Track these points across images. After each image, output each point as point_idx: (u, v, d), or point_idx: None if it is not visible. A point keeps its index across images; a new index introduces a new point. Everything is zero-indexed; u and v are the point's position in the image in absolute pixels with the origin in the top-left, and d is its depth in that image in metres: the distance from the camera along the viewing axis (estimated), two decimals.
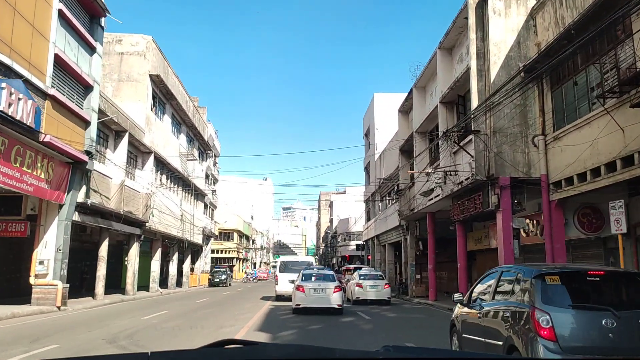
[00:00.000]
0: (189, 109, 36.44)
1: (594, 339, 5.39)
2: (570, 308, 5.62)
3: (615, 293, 6.14)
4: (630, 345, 5.37)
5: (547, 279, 5.82)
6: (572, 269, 6.41)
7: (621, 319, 5.36)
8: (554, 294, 5.73)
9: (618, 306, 5.56)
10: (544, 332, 5.43)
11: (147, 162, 27.44)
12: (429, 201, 21.79)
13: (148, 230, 27.48)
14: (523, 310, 5.81)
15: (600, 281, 6.00)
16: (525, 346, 5.65)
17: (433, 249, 23.41)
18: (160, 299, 23.68)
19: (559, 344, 5.35)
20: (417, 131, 23.80)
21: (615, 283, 6.23)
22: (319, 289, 17.02)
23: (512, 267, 7.08)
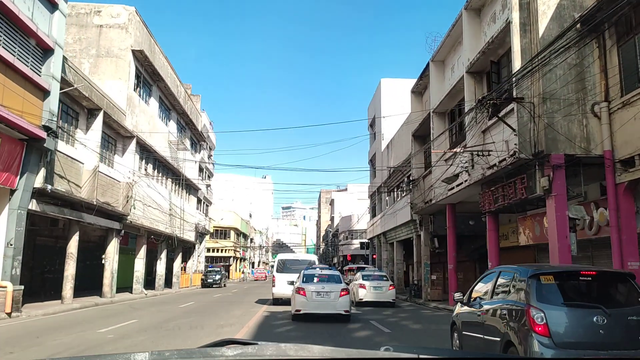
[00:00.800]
0: (180, 95, 33.42)
1: (585, 335, 5.69)
2: (563, 306, 5.91)
3: (606, 292, 6.36)
4: (619, 341, 5.65)
5: (541, 278, 6.13)
6: (565, 269, 6.79)
7: (611, 316, 5.67)
8: (548, 293, 6.01)
9: (608, 304, 5.89)
10: (539, 329, 5.69)
11: (128, 148, 24.39)
12: (449, 191, 18.76)
13: (129, 224, 24.44)
14: (519, 308, 6.07)
15: (592, 280, 6.30)
16: (521, 342, 5.92)
17: (453, 246, 20.37)
18: (140, 303, 20.63)
19: (552, 339, 5.61)
20: (434, 111, 20.76)
21: (606, 282, 6.47)
22: (323, 292, 14.12)
23: (509, 268, 7.23)
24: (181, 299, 23.09)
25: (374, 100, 40.09)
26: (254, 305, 19.22)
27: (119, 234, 23.70)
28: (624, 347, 5.65)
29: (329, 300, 14.09)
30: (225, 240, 64.42)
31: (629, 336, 5.74)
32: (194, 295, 26.83)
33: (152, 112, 28.26)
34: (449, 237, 20.43)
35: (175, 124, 33.73)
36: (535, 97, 12.52)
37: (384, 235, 35.40)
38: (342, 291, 14.27)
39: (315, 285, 14.36)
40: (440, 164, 20.11)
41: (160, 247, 32.21)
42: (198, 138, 40.73)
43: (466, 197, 18.88)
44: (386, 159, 33.76)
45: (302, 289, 14.19)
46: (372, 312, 17.47)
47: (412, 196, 24.85)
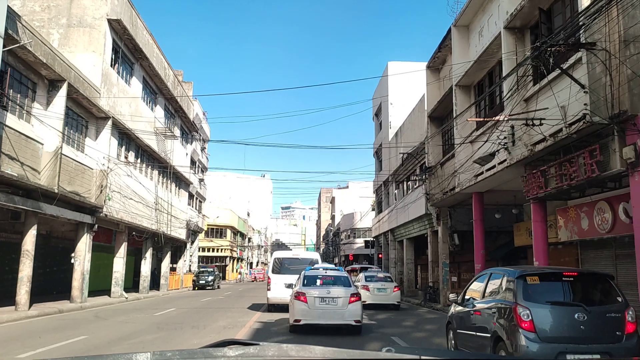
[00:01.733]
0: (168, 78, 30.31)
1: (567, 330, 6.20)
2: (547, 304, 6.37)
3: (586, 291, 6.85)
4: (598, 336, 6.18)
5: (528, 279, 6.63)
6: (549, 270, 7.26)
7: (591, 313, 6.22)
8: (533, 292, 6.50)
9: (589, 302, 6.46)
10: (525, 325, 6.20)
11: (102, 131, 21.27)
12: (477, 177, 15.68)
13: (105, 218, 21.33)
14: (507, 307, 6.54)
15: (574, 281, 6.74)
16: (508, 337, 6.41)
17: (481, 242, 17.26)
18: (111, 310, 17.52)
19: (537, 334, 6.14)
20: (458, 85, 17.68)
21: (586, 282, 6.98)
22: (328, 297, 11.16)
23: (499, 270, 7.74)
24: (162, 304, 19.98)
25: (380, 87, 37.00)
26: (244, 312, 16.13)
27: (92, 229, 20.59)
28: (602, 342, 6.12)
29: (335, 307, 11.09)
30: (221, 239, 61.26)
31: (607, 331, 6.21)
32: (179, 299, 23.74)
33: (134, 93, 25.14)
34: (475, 231, 17.34)
35: (163, 110, 30.61)
36: (612, 41, 9.45)
37: (391, 233, 32.30)
38: (351, 296, 11.26)
39: (318, 290, 11.37)
40: (465, 146, 17.04)
41: (145, 245, 29.09)
42: (189, 128, 37.60)
43: (499, 184, 15.80)
44: (394, 148, 30.66)
45: (303, 294, 11.19)
46: (389, 322, 14.38)
47: (428, 186, 21.76)
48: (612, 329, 6.25)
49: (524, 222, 20.12)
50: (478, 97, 16.84)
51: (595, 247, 15.41)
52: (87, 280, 20.39)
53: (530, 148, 12.11)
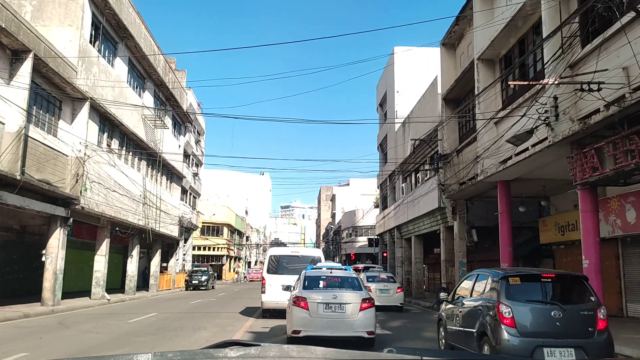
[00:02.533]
0: (158, 63, 28.09)
1: (544, 326, 6.73)
2: (527, 302, 6.93)
3: (563, 291, 7.44)
4: (572, 331, 6.73)
5: (510, 280, 7.20)
6: (529, 272, 7.72)
7: (566, 311, 6.77)
8: (515, 292, 7.06)
9: (564, 301, 7.04)
10: (506, 321, 6.76)
11: (79, 113, 19.04)
12: (504, 162, 13.48)
13: (82, 211, 19.11)
14: (491, 305, 7.12)
15: (551, 282, 7.34)
16: (492, 332, 6.95)
17: (508, 238, 15.02)
18: (83, 316, 15.30)
19: (517, 330, 6.70)
20: (481, 58, 15.47)
21: (563, 283, 7.59)
22: (334, 303, 9.01)
23: (485, 271, 8.32)
24: (144, 308, 17.77)
25: (386, 75, 34.79)
26: (235, 318, 13.91)
27: (66, 223, 18.38)
28: (576, 337, 6.72)
29: (343, 316, 8.92)
30: (217, 237, 59.02)
31: (580, 327, 6.81)
32: (166, 302, 21.54)
33: (117, 75, 22.92)
34: (501, 226, 15.10)
35: (152, 97, 28.39)
36: None
37: (397, 230, 30.09)
38: (363, 302, 9.06)
39: (322, 293, 9.18)
40: (489, 128, 14.84)
41: (131, 242, 26.88)
42: (182, 118, 35.37)
43: (531, 169, 13.60)
44: (402, 139, 28.45)
45: (303, 299, 9.00)
46: (405, 332, 12.19)
47: (442, 177, 19.55)
48: (585, 325, 6.80)
49: (552, 216, 17.97)
50: (504, 72, 14.60)
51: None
52: (60, 281, 18.18)
53: (583, 121, 9.91)
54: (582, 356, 6.53)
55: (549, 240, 18.15)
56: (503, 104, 14.66)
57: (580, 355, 6.53)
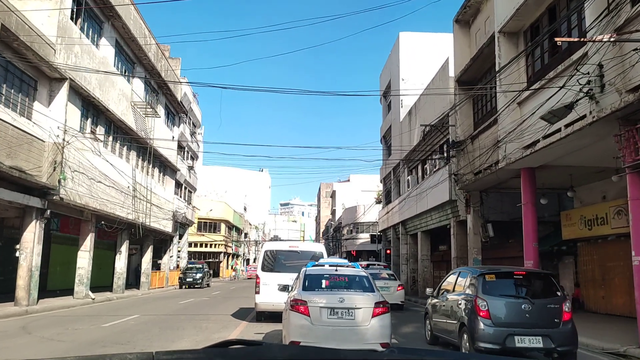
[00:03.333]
0: (149, 48, 26.42)
1: (515, 317, 7.63)
2: (501, 297, 7.87)
3: (532, 287, 8.34)
4: (540, 322, 7.58)
5: (486, 277, 8.14)
6: (503, 270, 8.70)
7: (535, 305, 7.68)
8: (490, 287, 7.98)
9: (533, 296, 7.95)
10: (482, 313, 7.64)
11: (57, 95, 17.38)
12: (533, 145, 11.84)
13: (61, 202, 17.48)
14: (470, 299, 8.00)
15: (522, 278, 8.39)
16: (470, 322, 7.79)
17: (532, 232, 13.35)
18: (56, 318, 13.67)
19: (492, 320, 7.59)
20: (502, 31, 13.81)
21: (533, 280, 8.56)
22: (341, 308, 7.37)
23: (465, 268, 9.59)
24: (128, 309, 16.15)
25: (390, 62, 33.10)
26: (226, 322, 12.27)
27: (43, 215, 16.76)
28: (543, 327, 7.52)
29: (352, 324, 7.28)
30: (214, 234, 57.37)
31: (547, 319, 7.65)
32: (154, 302, 19.92)
33: (103, 57, 21.25)
34: (525, 218, 13.44)
35: (143, 84, 26.71)
36: None
37: (402, 225, 28.47)
38: (376, 307, 7.39)
39: (326, 296, 7.52)
40: (511, 110, 13.20)
41: (120, 237, 25.25)
42: (176, 108, 33.67)
43: (565, 153, 11.95)
44: (407, 128, 26.81)
45: (303, 303, 7.35)
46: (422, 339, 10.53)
47: (456, 166, 17.92)
48: (552, 317, 7.68)
49: (577, 209, 16.33)
50: (530, 44, 12.94)
51: None
52: (36, 278, 16.56)
53: (633, 93, 8.27)
54: (548, 344, 7.45)
55: (572, 235, 16.52)
56: (528, 82, 13.01)
57: (547, 343, 7.45)
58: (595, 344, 10.11)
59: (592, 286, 16.43)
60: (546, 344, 7.39)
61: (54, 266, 24.99)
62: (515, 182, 15.83)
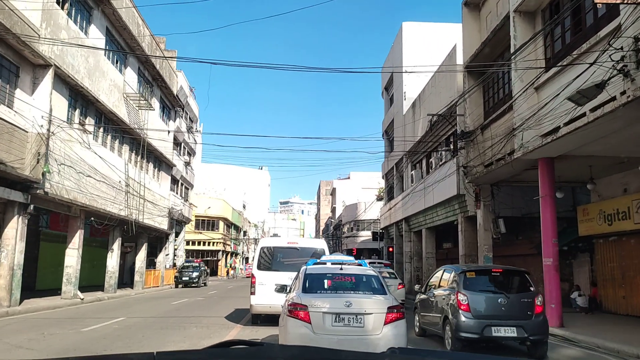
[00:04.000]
0: (143, 38, 25.39)
1: (492, 310, 8.54)
2: (480, 292, 8.80)
3: (508, 283, 9.28)
4: (514, 314, 8.47)
5: (467, 274, 9.06)
6: (482, 268, 10.06)
7: (510, 299, 8.64)
8: (470, 283, 8.88)
9: (509, 291, 8.90)
10: (463, 307, 8.48)
11: (41, 83, 16.34)
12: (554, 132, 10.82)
13: (46, 197, 16.46)
14: (452, 294, 8.84)
15: (499, 275, 9.33)
16: (452, 315, 8.65)
17: (552, 227, 12.31)
18: (37, 320, 12.64)
19: (471, 313, 8.43)
20: (518, 10, 12.78)
21: (508, 276, 9.40)
22: (348, 314, 6.27)
23: (450, 267, 10.34)
24: (115, 311, 15.13)
25: (393, 54, 32.05)
26: (218, 326, 11.25)
27: (26, 210, 15.74)
28: (517, 318, 8.38)
29: (361, 332, 6.18)
30: (212, 231, 56.35)
31: (521, 311, 8.56)
32: (145, 302, 18.91)
33: (93, 45, 20.19)
34: (543, 213, 12.41)
35: (136, 75, 25.66)
36: None
37: (406, 222, 27.45)
38: (389, 312, 6.27)
39: (330, 299, 6.46)
40: (528, 96, 12.17)
41: (112, 234, 24.24)
42: (172, 102, 32.62)
43: (586, 142, 10.93)
44: (411, 121, 25.78)
45: (303, 308, 6.30)
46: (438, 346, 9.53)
47: (464, 158, 16.89)
48: (525, 309, 8.61)
49: (595, 203, 15.30)
50: (548, 22, 11.90)
51: None
52: (18, 278, 15.55)
53: None
54: (521, 333, 8.27)
55: (590, 231, 15.51)
56: (547, 64, 11.98)
57: (520, 333, 8.26)
58: (615, 347, 9.21)
59: (611, 285, 15.42)
60: (519, 334, 8.35)
61: (44, 265, 23.98)
62: (529, 174, 14.84)
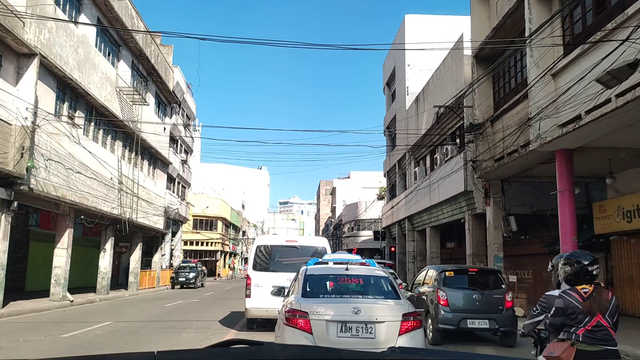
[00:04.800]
0: (138, 30, 24.49)
1: (468, 305, 9.75)
2: (457, 289, 10.00)
3: (482, 281, 10.49)
4: (487, 309, 9.66)
5: (446, 273, 10.35)
6: (460, 268, 11.18)
7: (484, 295, 9.88)
8: (449, 281, 10.12)
9: (483, 288, 10.13)
10: (442, 302, 9.59)
11: (25, 73, 15.46)
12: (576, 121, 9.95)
13: (31, 194, 15.59)
14: (433, 291, 10.06)
15: (475, 274, 10.69)
16: (433, 309, 9.80)
17: (571, 224, 11.43)
18: (14, 325, 11.72)
19: (450, 308, 9.53)
20: None
21: (482, 275, 10.77)
22: (356, 323, 5.30)
23: (433, 267, 11.67)
24: (103, 314, 14.22)
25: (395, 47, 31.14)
26: (211, 332, 10.36)
27: (9, 207, 14.85)
28: (490, 312, 9.60)
29: (371, 344, 5.20)
30: (210, 231, 55.41)
31: (493, 306, 9.74)
32: (137, 305, 18.01)
33: (83, 36, 19.32)
34: (562, 208, 11.53)
35: (130, 69, 24.77)
36: None
37: (409, 221, 26.57)
38: (405, 320, 5.34)
39: (334, 305, 5.56)
40: (545, 83, 11.31)
41: (104, 234, 23.35)
42: (168, 98, 31.73)
43: (610, 131, 10.06)
44: (414, 116, 24.91)
45: (303, 315, 5.38)
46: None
47: (474, 152, 16.02)
48: (497, 304, 9.80)
49: (612, 199, 14.43)
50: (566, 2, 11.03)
51: None
52: (1, 279, 14.66)
53: None
54: (493, 325, 9.53)
55: (607, 229, 14.64)
56: (566, 48, 11.11)
57: (492, 325, 9.52)
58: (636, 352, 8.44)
59: (628, 286, 14.54)
60: (491, 325, 9.60)
61: (33, 265, 23.10)
62: (542, 169, 14.00)
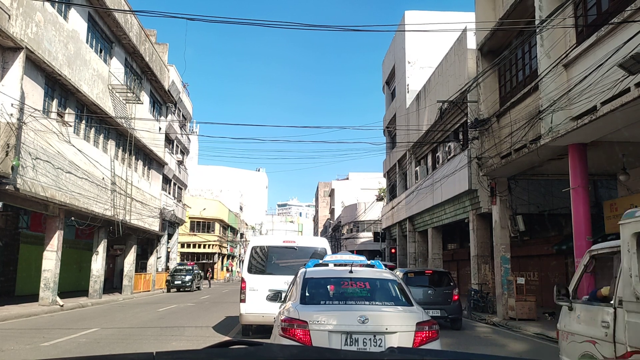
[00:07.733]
0: (131, 27, 23.90)
1: (424, 299, 12.45)
2: (417, 286, 12.79)
3: (435, 280, 13.74)
4: (438, 301, 12.73)
5: (409, 274, 13.78)
6: (418, 270, 15.68)
7: (436, 291, 13.11)
8: (410, 280, 13.11)
9: (436, 285, 13.43)
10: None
11: (11, 67, 14.80)
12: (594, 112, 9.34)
13: (17, 193, 14.92)
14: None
15: (430, 275, 14.01)
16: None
17: (585, 222, 10.82)
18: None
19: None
20: None
21: (436, 275, 13.99)
22: (362, 333, 4.51)
23: (400, 269, 15.75)
24: (91, 320, 13.54)
25: (394, 45, 30.56)
26: (204, 338, 9.69)
27: None
28: (440, 304, 12.56)
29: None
30: (208, 233, 54.71)
31: (443, 299, 12.83)
32: (129, 309, 17.32)
33: (73, 31, 18.67)
34: (575, 206, 10.91)
35: (123, 66, 24.11)
36: None
37: (410, 222, 25.94)
38: (419, 330, 4.60)
39: (337, 313, 4.82)
40: (556, 73, 10.70)
41: (96, 236, 22.68)
42: (163, 97, 31.09)
43: (624, 125, 9.45)
44: (415, 112, 24.30)
45: (302, 325, 4.60)
46: None
47: (479, 149, 15.40)
48: (446, 298, 12.93)
49: (625, 197, 13.80)
50: None
51: None
52: None
53: None
54: (443, 314, 12.39)
55: (616, 229, 14.01)
56: (579, 37, 10.51)
57: (442, 313, 12.36)
58: None
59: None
60: (442, 314, 12.26)
61: (24, 269, 22.42)
62: (552, 165, 13.42)
